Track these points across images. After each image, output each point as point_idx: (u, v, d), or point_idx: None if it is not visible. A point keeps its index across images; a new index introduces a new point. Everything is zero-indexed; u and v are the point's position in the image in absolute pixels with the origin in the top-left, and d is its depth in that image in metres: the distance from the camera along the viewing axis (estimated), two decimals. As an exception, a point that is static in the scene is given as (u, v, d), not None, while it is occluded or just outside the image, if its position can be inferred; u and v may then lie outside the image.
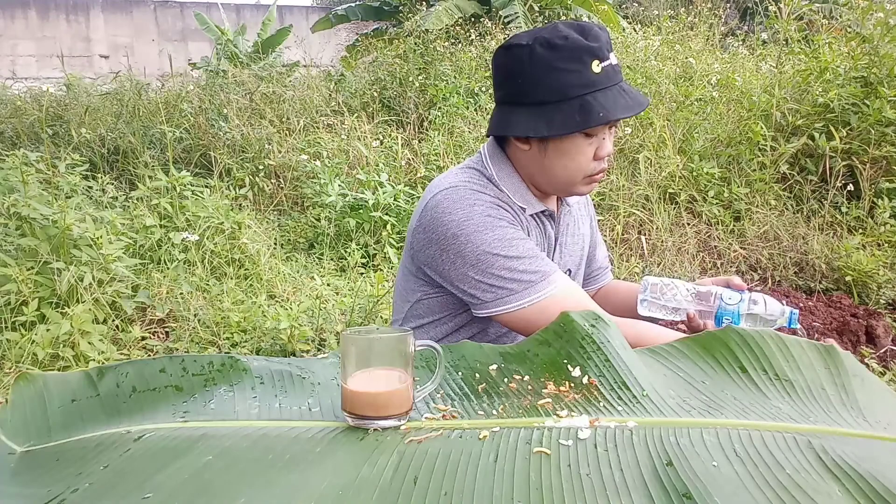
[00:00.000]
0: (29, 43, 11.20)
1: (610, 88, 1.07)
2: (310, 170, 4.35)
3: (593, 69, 1.06)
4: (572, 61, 1.05)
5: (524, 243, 1.13)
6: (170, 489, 0.60)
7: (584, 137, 1.11)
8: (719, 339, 0.80)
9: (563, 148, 1.12)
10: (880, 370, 2.57)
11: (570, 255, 1.32)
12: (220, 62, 8.03)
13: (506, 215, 1.15)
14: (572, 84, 1.06)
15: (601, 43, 1.07)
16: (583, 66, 1.05)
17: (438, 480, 0.61)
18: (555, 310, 1.08)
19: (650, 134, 4.15)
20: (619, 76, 1.09)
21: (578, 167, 1.13)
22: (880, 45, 3.90)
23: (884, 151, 3.68)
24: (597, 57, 1.06)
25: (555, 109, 1.07)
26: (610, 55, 1.08)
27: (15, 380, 0.75)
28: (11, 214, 2.85)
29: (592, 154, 1.12)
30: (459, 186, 1.15)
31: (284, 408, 0.74)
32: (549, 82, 1.07)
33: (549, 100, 1.08)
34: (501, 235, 1.11)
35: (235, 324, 2.86)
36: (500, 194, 1.18)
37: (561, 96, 1.07)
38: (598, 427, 0.69)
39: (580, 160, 1.12)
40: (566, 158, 1.13)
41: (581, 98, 1.06)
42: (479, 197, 1.14)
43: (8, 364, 2.47)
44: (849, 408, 0.73)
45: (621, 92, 1.08)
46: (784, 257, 3.52)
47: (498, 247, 1.11)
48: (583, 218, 1.39)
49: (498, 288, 1.11)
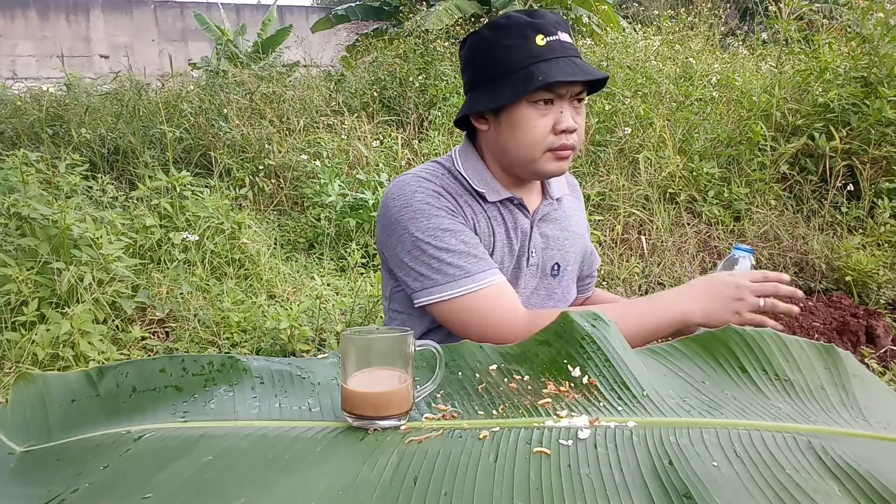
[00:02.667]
0: (29, 43, 11.20)
1: (556, 59, 1.08)
2: (310, 170, 4.36)
3: (537, 42, 1.08)
4: (516, 37, 1.09)
5: (458, 236, 1.11)
6: (170, 489, 0.60)
7: (533, 108, 1.10)
8: (719, 339, 0.80)
9: (514, 120, 1.12)
10: (880, 370, 2.57)
11: (557, 248, 1.28)
12: (220, 62, 8.04)
13: (446, 203, 1.14)
14: (517, 57, 1.09)
15: (546, 20, 1.10)
16: (525, 40, 1.08)
17: (438, 480, 0.61)
18: (478, 309, 1.09)
19: (650, 134, 4.15)
20: (569, 51, 1.10)
21: (533, 139, 1.12)
22: (880, 45, 3.90)
23: (884, 151, 3.68)
24: (540, 31, 1.09)
25: (502, 83, 1.11)
26: (558, 33, 1.10)
27: (15, 380, 0.75)
28: (11, 214, 2.85)
29: (550, 127, 1.11)
30: (409, 175, 1.18)
31: (284, 408, 0.74)
32: (496, 59, 1.11)
33: (497, 75, 1.11)
34: (436, 224, 1.11)
35: (235, 324, 2.86)
36: (451, 183, 1.17)
37: (507, 69, 1.10)
38: (598, 427, 0.69)
39: (533, 132, 1.11)
40: (518, 131, 1.12)
41: (526, 68, 1.08)
42: (422, 184, 1.14)
43: (8, 364, 2.47)
44: (849, 408, 0.73)
45: (569, 62, 1.09)
46: (784, 257, 3.52)
47: (429, 235, 1.11)
48: (579, 217, 1.37)
49: (425, 277, 1.11)
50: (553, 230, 1.28)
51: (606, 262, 3.53)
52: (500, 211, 1.21)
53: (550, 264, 1.27)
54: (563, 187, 1.31)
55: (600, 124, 4.39)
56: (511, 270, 1.22)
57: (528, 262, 1.23)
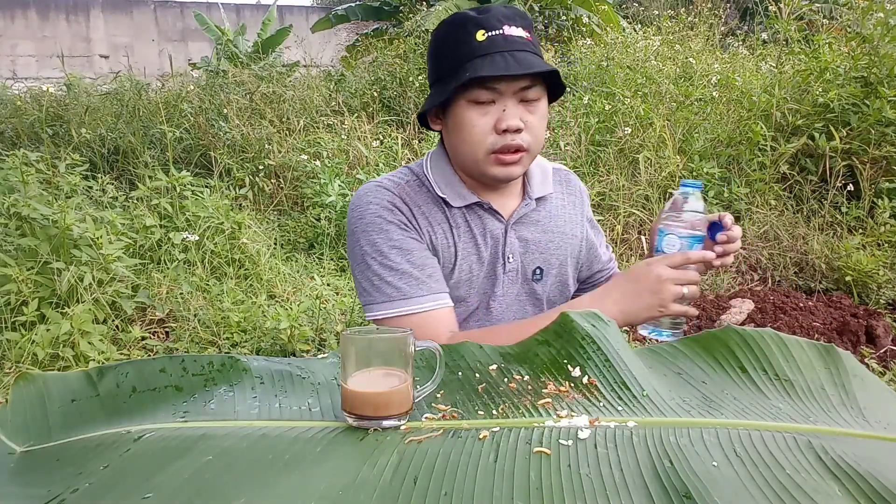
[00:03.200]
0: (29, 43, 11.20)
1: (493, 55, 1.03)
2: (310, 170, 4.36)
3: (477, 38, 1.04)
4: (459, 34, 1.06)
5: (406, 254, 1.09)
6: (170, 489, 0.60)
7: (472, 106, 1.06)
8: (719, 339, 0.80)
9: (456, 120, 1.08)
10: (880, 370, 2.57)
11: (539, 252, 1.22)
12: (220, 62, 8.03)
13: (399, 217, 1.11)
14: (458, 55, 1.05)
15: (491, 14, 1.06)
16: (468, 36, 1.05)
17: (438, 480, 0.61)
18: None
19: (650, 134, 4.15)
20: (512, 45, 1.04)
21: (473, 140, 1.07)
22: (880, 45, 3.90)
23: (884, 151, 3.69)
24: (482, 27, 1.04)
25: (443, 81, 1.08)
26: (503, 27, 1.05)
27: (15, 380, 0.75)
28: (11, 214, 2.85)
29: (490, 126, 1.06)
30: (371, 183, 1.16)
31: (284, 408, 0.74)
32: (440, 57, 1.09)
33: (441, 73, 1.09)
34: (384, 239, 1.10)
35: (235, 324, 2.86)
36: (413, 192, 1.14)
37: (447, 67, 1.07)
38: (598, 427, 0.69)
39: (473, 132, 1.06)
40: (460, 131, 1.08)
41: (462, 66, 1.04)
42: (379, 195, 1.12)
43: (8, 364, 2.47)
44: (849, 408, 0.73)
45: (507, 57, 1.03)
46: (784, 257, 3.52)
47: (376, 251, 1.10)
48: (571, 216, 1.29)
49: (367, 292, 1.11)
50: (533, 233, 1.22)
51: (606, 262, 3.53)
52: (467, 217, 1.17)
53: (531, 269, 1.22)
54: (546, 186, 1.24)
55: (600, 124, 4.39)
56: (484, 278, 1.19)
57: (504, 269, 1.19)
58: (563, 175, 1.33)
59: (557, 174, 1.31)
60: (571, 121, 4.50)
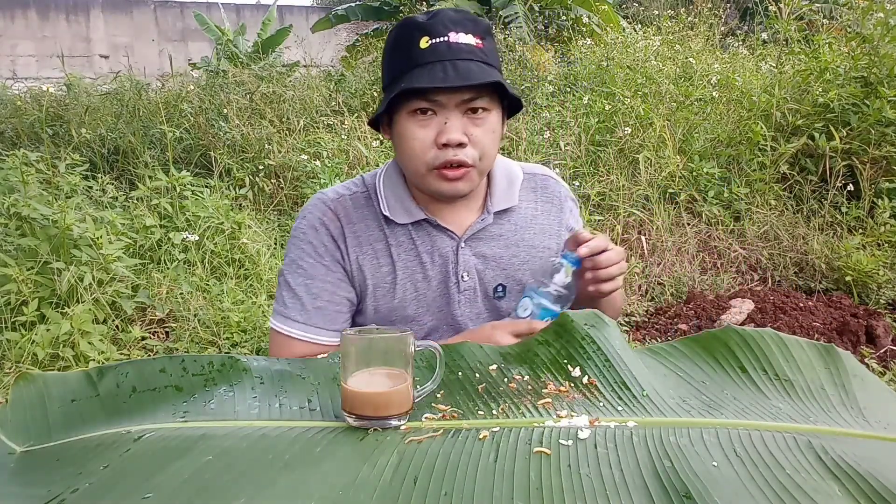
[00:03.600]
0: (29, 43, 11.20)
1: (434, 64, 0.97)
2: (310, 170, 4.35)
3: (421, 46, 0.99)
4: (405, 41, 1.01)
5: (307, 281, 1.10)
6: (170, 489, 0.60)
7: (412, 118, 1.01)
8: (719, 339, 0.80)
9: (399, 132, 1.04)
10: (880, 370, 2.57)
11: (501, 268, 1.15)
12: (220, 62, 8.03)
13: (321, 239, 1.10)
14: (401, 63, 1.01)
15: (438, 20, 0.99)
16: (412, 44, 0.99)
17: (438, 480, 0.61)
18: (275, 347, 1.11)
19: (650, 134, 4.15)
20: (456, 54, 0.98)
21: (414, 154, 1.02)
22: (880, 45, 3.90)
23: (884, 151, 3.69)
24: (425, 33, 0.99)
25: (388, 90, 1.03)
26: (449, 34, 0.98)
27: (15, 380, 0.75)
28: (11, 214, 2.85)
29: (431, 139, 1.00)
30: (320, 193, 1.15)
31: (284, 408, 0.74)
32: (387, 65, 1.05)
33: (386, 82, 1.06)
34: (297, 257, 1.11)
35: (235, 324, 2.86)
36: (351, 208, 1.12)
37: (392, 78, 1.03)
38: (598, 427, 0.69)
39: (414, 145, 1.01)
40: (402, 143, 1.04)
41: (402, 76, 0.99)
42: (315, 210, 1.11)
43: (8, 364, 2.47)
44: (849, 408, 0.73)
45: (445, 67, 0.96)
46: (784, 257, 3.52)
47: (289, 264, 1.12)
48: (544, 227, 1.20)
49: (276, 299, 1.14)
50: (493, 249, 1.15)
51: (606, 262, 3.53)
52: (413, 234, 1.12)
53: (492, 286, 1.15)
54: (511, 197, 1.16)
55: (600, 124, 4.39)
56: (437, 297, 1.14)
57: (458, 287, 1.13)
58: (538, 181, 1.22)
59: (532, 180, 1.21)
60: (571, 121, 4.50)
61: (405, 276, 1.12)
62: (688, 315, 3.08)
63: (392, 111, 1.04)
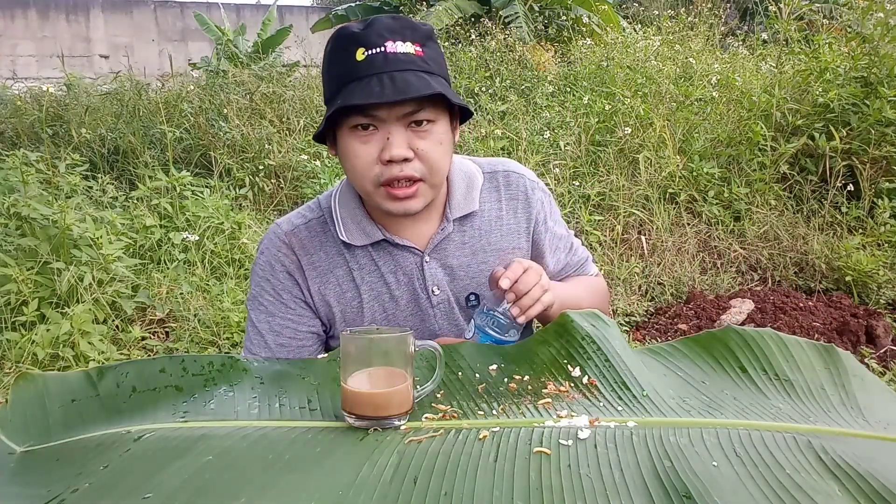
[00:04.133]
0: (29, 43, 11.20)
1: (370, 77, 0.93)
2: (310, 170, 4.35)
3: (357, 58, 0.94)
4: (341, 52, 0.96)
5: (266, 317, 1.10)
6: (170, 489, 0.60)
7: (353, 134, 0.97)
8: (719, 339, 0.80)
9: (342, 149, 1.00)
10: (880, 370, 2.57)
11: (469, 277, 1.12)
12: (220, 62, 8.02)
13: (278, 277, 1.09)
14: (337, 76, 0.97)
15: (373, 29, 0.95)
16: (348, 56, 0.95)
17: (438, 480, 0.61)
18: None
19: (650, 134, 4.15)
20: (392, 65, 0.94)
21: (358, 171, 0.98)
22: (880, 45, 3.90)
23: (884, 151, 3.69)
24: (361, 45, 0.94)
25: (328, 106, 0.99)
26: (386, 42, 0.94)
27: (15, 380, 0.75)
28: (11, 214, 2.85)
29: (374, 156, 0.96)
30: (274, 226, 1.12)
31: (284, 408, 0.74)
32: (325, 78, 1.01)
33: (327, 98, 1.01)
34: (259, 293, 1.10)
35: (235, 324, 2.86)
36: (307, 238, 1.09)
37: (330, 92, 0.99)
38: (598, 427, 0.69)
39: (357, 163, 0.97)
40: (346, 161, 1.00)
41: (339, 90, 0.95)
42: (270, 245, 1.10)
43: (8, 364, 2.47)
44: (849, 408, 0.73)
45: (382, 80, 0.92)
46: (784, 257, 3.52)
47: (252, 300, 1.12)
48: (511, 227, 1.16)
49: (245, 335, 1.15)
50: (458, 258, 1.11)
51: (606, 262, 3.53)
52: (373, 255, 1.09)
53: (463, 296, 1.13)
54: (470, 202, 1.11)
55: (600, 124, 4.39)
56: (409, 315, 1.11)
57: (431, 302, 1.11)
58: (500, 178, 1.16)
59: (493, 179, 1.16)
60: (571, 121, 4.50)
61: (371, 297, 1.10)
62: (688, 315, 3.08)
63: (335, 127, 1.00)
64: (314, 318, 1.11)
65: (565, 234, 1.24)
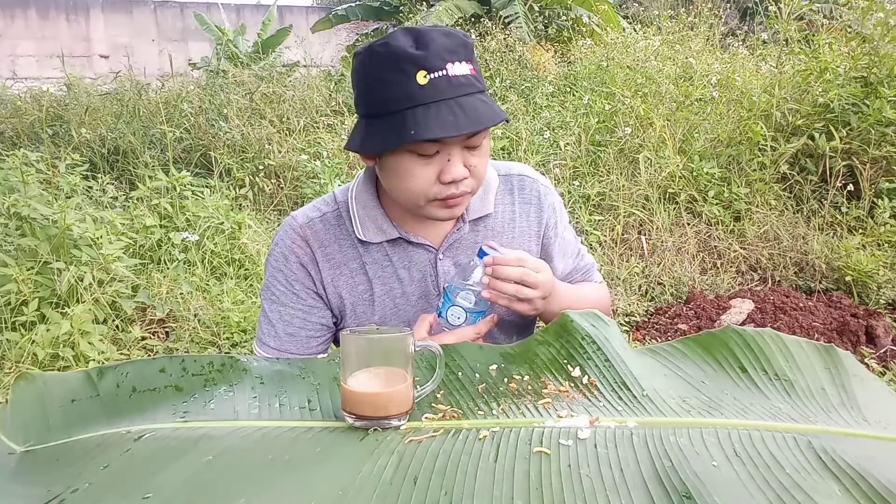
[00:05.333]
0: (29, 43, 11.20)
1: (439, 104, 0.92)
2: (310, 170, 4.35)
3: (418, 80, 0.92)
4: (393, 71, 0.93)
5: (277, 307, 1.12)
6: (170, 489, 0.60)
7: (415, 157, 0.96)
8: (719, 339, 0.80)
9: (394, 166, 0.99)
10: (880, 370, 2.57)
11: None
12: (220, 62, 8.02)
13: (290, 267, 1.10)
14: (393, 97, 0.94)
15: (430, 51, 0.93)
16: (404, 76, 0.92)
17: (438, 480, 0.61)
18: None
19: (650, 134, 4.15)
20: (458, 90, 0.94)
21: (413, 190, 0.99)
22: (880, 45, 3.90)
23: (884, 151, 3.69)
24: (421, 67, 0.92)
25: (378, 123, 0.97)
26: (447, 65, 0.93)
27: (15, 380, 0.75)
28: (11, 214, 2.85)
29: (434, 177, 0.97)
30: (289, 219, 1.14)
31: (284, 408, 0.74)
32: (374, 94, 0.97)
33: (374, 112, 0.98)
34: (272, 283, 1.13)
35: (235, 324, 2.86)
36: (323, 231, 1.10)
37: (383, 109, 0.96)
38: (598, 427, 0.69)
39: (414, 182, 0.98)
40: (399, 178, 0.99)
41: (401, 113, 0.93)
42: (285, 237, 1.11)
43: (8, 364, 2.47)
44: (849, 408, 0.73)
45: (451, 108, 0.92)
46: (784, 257, 3.52)
47: (266, 289, 1.14)
48: (522, 229, 1.18)
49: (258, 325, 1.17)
50: (469, 256, 1.14)
51: (606, 262, 3.53)
52: (388, 251, 1.11)
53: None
54: (487, 204, 1.14)
55: (600, 124, 4.39)
56: (419, 314, 1.12)
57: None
58: (515, 182, 1.19)
59: (508, 182, 1.18)
60: (571, 121, 4.50)
61: (383, 292, 1.12)
62: (688, 315, 3.08)
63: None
64: (325, 310, 1.13)
65: (573, 240, 1.27)
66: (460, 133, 0.92)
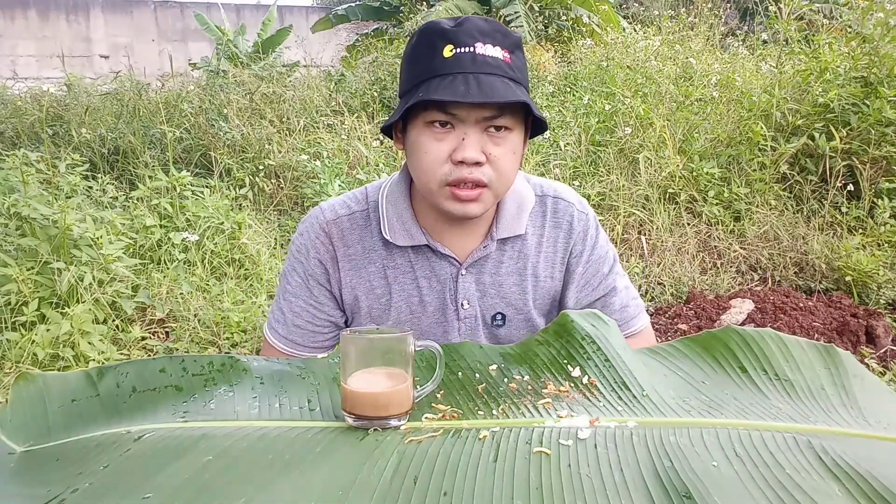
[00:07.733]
0: (29, 43, 11.20)
1: (455, 75, 0.91)
2: (310, 170, 4.35)
3: (444, 54, 0.92)
4: (426, 47, 0.94)
5: (291, 301, 1.12)
6: (170, 489, 0.60)
7: (429, 129, 0.95)
8: (719, 339, 0.80)
9: (413, 142, 0.97)
10: (880, 370, 2.57)
11: (500, 297, 1.11)
12: (220, 62, 8.02)
13: (309, 264, 1.09)
14: (421, 70, 0.94)
15: (463, 28, 0.93)
16: (434, 51, 0.93)
17: (438, 480, 0.61)
18: (263, 351, 1.18)
19: (650, 134, 4.15)
20: (481, 67, 0.91)
21: (426, 167, 0.96)
22: (880, 45, 3.90)
23: (884, 151, 3.69)
24: (450, 42, 0.92)
25: (404, 98, 0.97)
26: (476, 43, 0.92)
27: (15, 380, 0.75)
28: (11, 214, 2.85)
29: (446, 154, 0.94)
30: (317, 209, 1.12)
31: (284, 408, 0.74)
32: (407, 72, 0.98)
33: (404, 90, 0.99)
34: (289, 272, 1.13)
35: (235, 324, 2.86)
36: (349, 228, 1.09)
37: (410, 84, 0.96)
38: (598, 427, 0.69)
39: (427, 158, 0.95)
40: (415, 155, 0.97)
41: (420, 84, 0.93)
42: (310, 227, 1.10)
43: (8, 364, 2.47)
44: (849, 408, 0.73)
45: (467, 80, 0.90)
46: (784, 257, 3.52)
47: (283, 276, 1.14)
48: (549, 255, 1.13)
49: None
50: (494, 276, 1.10)
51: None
52: (411, 258, 1.09)
53: (490, 315, 1.12)
54: (518, 225, 1.09)
55: (600, 124, 4.39)
56: (433, 323, 1.11)
57: (458, 315, 1.10)
58: (549, 204, 1.13)
59: (542, 203, 1.13)
60: (571, 121, 4.50)
61: (400, 298, 1.10)
62: (688, 315, 3.08)
63: (407, 120, 0.98)
64: (335, 309, 1.13)
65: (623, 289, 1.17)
66: (465, 100, 0.89)
